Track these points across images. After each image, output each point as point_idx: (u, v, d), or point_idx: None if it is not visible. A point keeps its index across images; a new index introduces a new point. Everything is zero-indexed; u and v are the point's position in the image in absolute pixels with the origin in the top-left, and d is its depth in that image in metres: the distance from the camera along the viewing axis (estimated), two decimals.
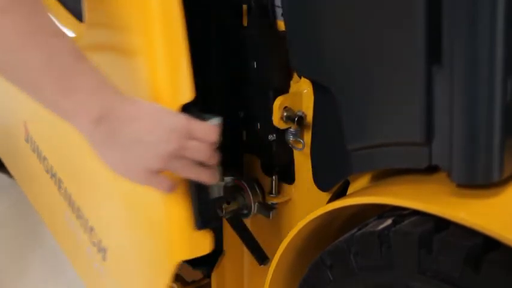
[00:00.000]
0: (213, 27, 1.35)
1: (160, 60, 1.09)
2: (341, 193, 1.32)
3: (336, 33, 1.09)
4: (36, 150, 1.74)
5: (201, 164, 1.08)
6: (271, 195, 1.43)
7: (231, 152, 1.53)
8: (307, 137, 1.31)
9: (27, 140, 1.79)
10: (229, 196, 1.46)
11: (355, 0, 1.04)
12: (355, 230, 1.08)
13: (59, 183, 1.64)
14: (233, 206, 1.46)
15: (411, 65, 0.97)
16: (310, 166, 1.31)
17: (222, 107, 1.40)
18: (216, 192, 1.22)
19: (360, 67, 1.07)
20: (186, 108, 1.09)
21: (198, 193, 1.14)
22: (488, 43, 0.90)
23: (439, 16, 0.93)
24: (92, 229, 1.51)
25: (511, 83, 0.92)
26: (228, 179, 1.49)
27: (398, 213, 1.04)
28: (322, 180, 1.29)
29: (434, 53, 0.95)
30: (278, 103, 1.28)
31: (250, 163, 1.50)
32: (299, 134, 1.32)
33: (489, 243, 0.90)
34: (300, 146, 1.32)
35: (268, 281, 1.28)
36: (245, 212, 1.48)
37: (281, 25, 1.30)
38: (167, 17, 1.08)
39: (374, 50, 1.03)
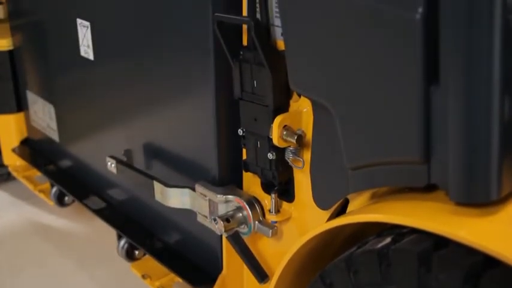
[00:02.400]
0: None
1: None
2: (341, 211, 1.32)
3: (335, 53, 1.10)
4: None
5: None
6: (271, 214, 1.44)
7: (231, 170, 1.54)
8: (307, 155, 1.31)
9: None
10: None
11: (354, 22, 1.05)
12: (354, 248, 1.08)
13: None
14: (233, 225, 1.46)
15: (409, 85, 0.98)
16: (310, 184, 1.31)
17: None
18: None
19: (358, 86, 1.08)
20: None
21: None
22: (485, 62, 0.90)
23: (436, 37, 0.94)
24: None
25: (508, 102, 0.92)
26: (228, 197, 1.49)
27: (398, 231, 1.04)
28: (321, 199, 1.29)
29: (432, 73, 0.95)
30: (278, 122, 1.29)
31: (250, 181, 1.50)
32: (299, 153, 1.33)
33: (488, 261, 0.90)
34: (300, 164, 1.33)
35: None
36: (245, 230, 1.48)
37: (280, 44, 1.31)
38: None
39: (372, 69, 1.04)
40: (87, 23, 1.89)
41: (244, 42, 1.38)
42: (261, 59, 1.30)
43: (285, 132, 1.30)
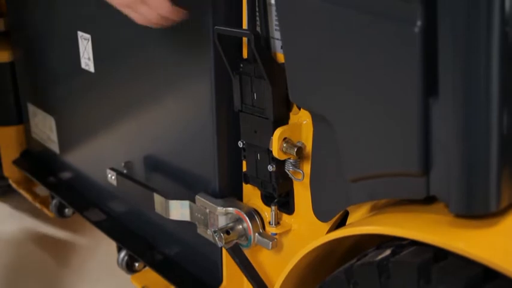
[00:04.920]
0: None
1: None
2: (340, 223, 1.32)
3: (334, 66, 1.11)
4: None
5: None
6: (271, 226, 1.44)
7: (231, 183, 1.54)
8: (307, 167, 1.31)
9: None
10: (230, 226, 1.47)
11: (353, 34, 1.06)
12: (354, 260, 1.08)
13: None
14: (233, 237, 1.47)
15: (408, 97, 0.99)
16: (310, 197, 1.31)
17: None
18: None
19: (358, 99, 1.08)
20: None
21: None
22: (484, 74, 0.91)
23: (435, 49, 0.94)
24: None
25: (507, 114, 0.93)
26: (228, 209, 1.49)
27: (397, 243, 1.04)
28: (321, 211, 1.29)
29: (430, 85, 0.96)
30: (278, 134, 1.29)
31: (250, 193, 1.50)
32: (298, 165, 1.33)
33: (488, 274, 0.90)
34: (300, 176, 1.33)
35: None
36: (245, 242, 1.48)
37: (280, 57, 1.31)
38: None
39: (372, 82, 1.05)
40: (88, 36, 1.90)
41: (245, 55, 1.39)
42: (261, 71, 1.30)
43: (284, 145, 1.30)
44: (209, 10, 1.41)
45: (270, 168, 1.36)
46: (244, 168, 1.46)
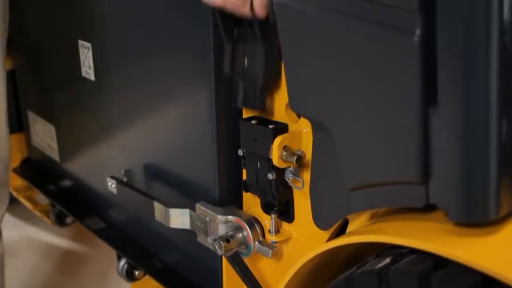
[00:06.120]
0: None
1: None
2: (340, 231, 1.32)
3: (333, 74, 1.11)
4: None
5: None
6: (271, 234, 1.44)
7: (231, 191, 1.54)
8: (307, 176, 1.32)
9: None
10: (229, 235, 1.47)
11: (352, 43, 1.06)
12: (354, 268, 1.08)
13: None
14: (233, 245, 1.47)
15: (407, 105, 0.99)
16: (310, 205, 1.31)
17: None
18: None
19: (357, 107, 1.08)
20: None
21: None
22: (483, 83, 0.91)
23: (434, 58, 0.94)
24: None
25: (505, 122, 0.93)
26: (228, 217, 1.49)
27: (397, 251, 1.04)
28: (321, 219, 1.29)
29: (430, 93, 0.96)
30: (278, 142, 1.30)
31: (250, 202, 1.50)
32: (298, 173, 1.33)
33: (487, 282, 0.90)
34: (300, 184, 1.33)
35: None
36: (245, 250, 1.48)
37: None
38: None
39: (371, 90, 1.05)
40: (89, 45, 1.90)
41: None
42: (255, 33, 1.29)
43: (284, 153, 1.30)
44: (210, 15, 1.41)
45: (270, 176, 1.36)
46: (244, 177, 1.47)
